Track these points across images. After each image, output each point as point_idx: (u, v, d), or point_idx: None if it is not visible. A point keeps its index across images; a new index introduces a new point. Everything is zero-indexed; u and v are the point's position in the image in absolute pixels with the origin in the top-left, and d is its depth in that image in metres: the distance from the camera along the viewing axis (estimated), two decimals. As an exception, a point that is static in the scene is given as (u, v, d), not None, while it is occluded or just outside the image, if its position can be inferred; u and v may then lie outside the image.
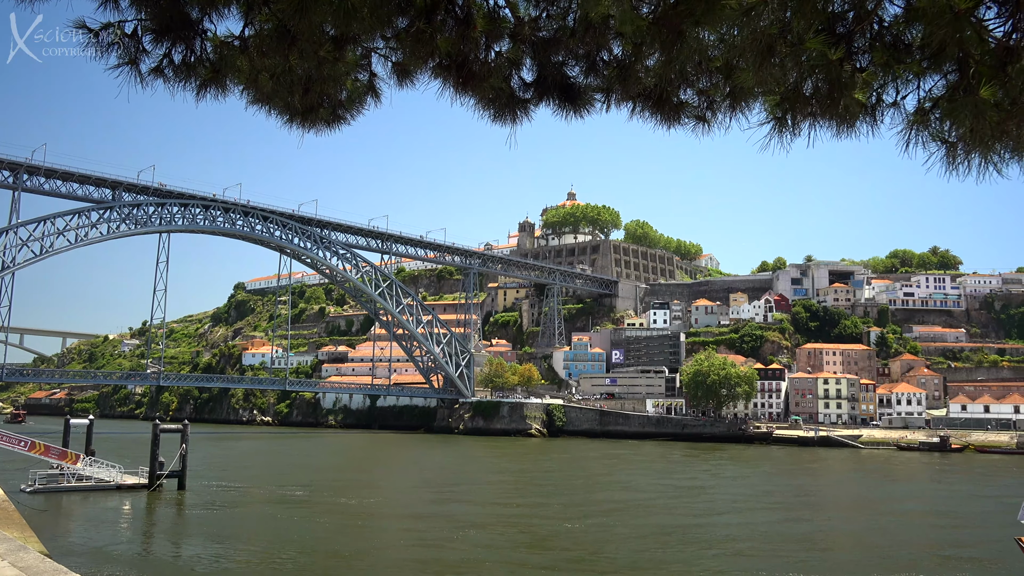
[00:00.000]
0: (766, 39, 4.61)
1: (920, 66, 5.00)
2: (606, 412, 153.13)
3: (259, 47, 6.09)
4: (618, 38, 5.84)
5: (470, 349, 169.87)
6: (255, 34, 6.13)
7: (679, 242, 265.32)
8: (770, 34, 4.62)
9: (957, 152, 4.88)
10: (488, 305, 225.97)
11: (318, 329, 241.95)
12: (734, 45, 4.81)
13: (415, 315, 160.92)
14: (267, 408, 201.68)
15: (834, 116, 5.05)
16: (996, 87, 4.61)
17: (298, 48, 6.04)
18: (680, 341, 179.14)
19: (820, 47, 4.64)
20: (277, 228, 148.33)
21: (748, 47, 4.67)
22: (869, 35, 5.03)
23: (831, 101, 4.84)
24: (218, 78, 6.29)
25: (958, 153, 4.87)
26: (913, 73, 5.07)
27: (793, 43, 4.69)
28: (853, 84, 4.86)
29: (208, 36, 6.22)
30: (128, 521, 47.09)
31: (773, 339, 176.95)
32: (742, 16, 4.59)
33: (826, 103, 4.87)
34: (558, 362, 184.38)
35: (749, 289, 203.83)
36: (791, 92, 4.97)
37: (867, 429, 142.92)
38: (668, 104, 5.93)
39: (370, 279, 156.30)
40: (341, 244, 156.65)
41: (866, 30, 5.00)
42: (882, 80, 5.07)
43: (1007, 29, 4.70)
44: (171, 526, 46.10)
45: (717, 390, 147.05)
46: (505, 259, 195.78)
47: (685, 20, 4.88)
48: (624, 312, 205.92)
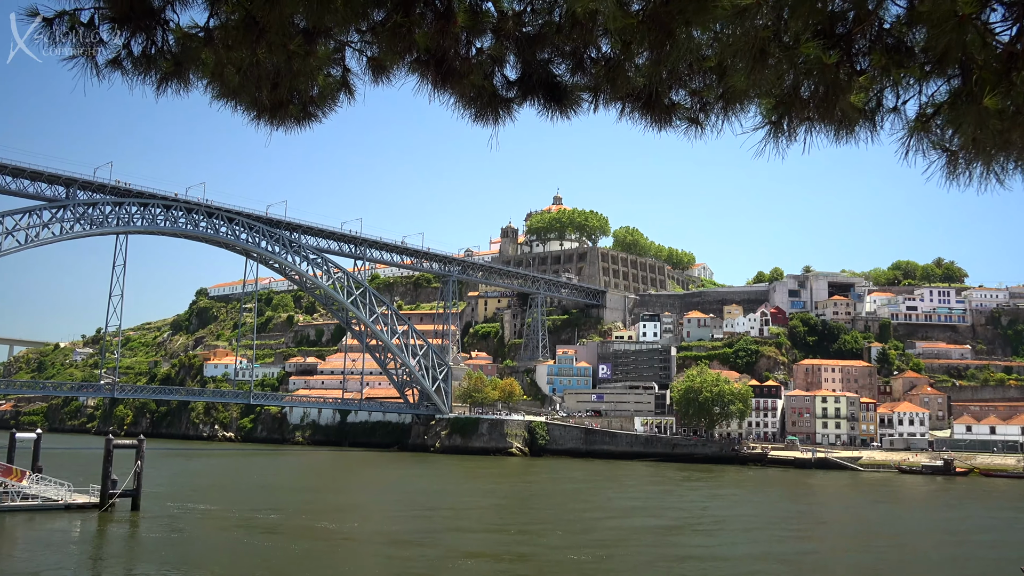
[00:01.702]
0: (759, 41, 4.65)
1: (922, 70, 5.06)
2: (592, 430, 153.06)
3: (225, 39, 6.07)
4: (607, 35, 5.87)
5: (448, 362, 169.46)
6: (221, 25, 6.12)
7: (670, 250, 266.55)
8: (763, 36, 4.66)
9: (958, 161, 4.93)
10: (468, 315, 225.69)
11: (286, 339, 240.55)
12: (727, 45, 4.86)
13: (390, 325, 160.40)
14: (230, 423, 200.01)
15: (832, 121, 5.10)
16: (1000, 95, 4.66)
17: (267, 41, 6.03)
18: (671, 355, 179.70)
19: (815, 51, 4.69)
20: (243, 230, 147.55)
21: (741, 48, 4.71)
22: (869, 37, 5.09)
23: (828, 105, 4.89)
24: (180, 71, 6.26)
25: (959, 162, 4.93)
26: (914, 78, 5.12)
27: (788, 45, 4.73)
28: (851, 88, 4.91)
29: (170, 27, 6.20)
30: (77, 544, 46.48)
31: (769, 354, 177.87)
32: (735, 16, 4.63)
33: (823, 107, 4.91)
34: (541, 377, 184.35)
35: (744, 301, 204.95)
36: (787, 95, 5.01)
37: (867, 451, 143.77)
38: (659, 105, 5.97)
39: (342, 286, 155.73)
40: (311, 248, 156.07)
41: (866, 31, 5.05)
42: (881, 84, 5.12)
43: (1013, 34, 4.75)
44: (124, 550, 45.55)
45: (710, 408, 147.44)
46: (486, 267, 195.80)
47: (675, 19, 4.92)
48: (612, 324, 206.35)
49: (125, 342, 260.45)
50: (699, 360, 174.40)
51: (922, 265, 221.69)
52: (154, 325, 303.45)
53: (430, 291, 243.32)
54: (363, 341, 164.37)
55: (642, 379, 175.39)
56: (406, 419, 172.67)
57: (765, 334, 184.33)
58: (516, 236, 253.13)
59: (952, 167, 4.94)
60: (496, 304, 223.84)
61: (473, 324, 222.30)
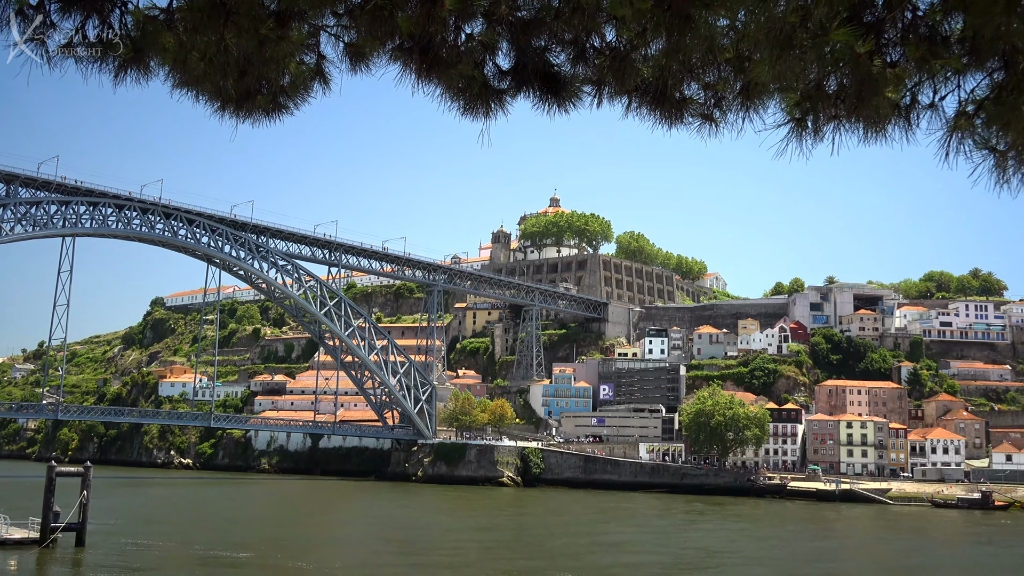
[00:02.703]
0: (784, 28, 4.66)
1: (960, 62, 5.06)
2: (592, 458, 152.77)
3: (188, 22, 6.07)
4: (612, 22, 5.88)
5: (432, 381, 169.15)
6: (184, 7, 6.11)
7: (680, 259, 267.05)
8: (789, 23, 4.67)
9: (1008, 162, 4.92)
10: (455, 329, 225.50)
11: (251, 354, 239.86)
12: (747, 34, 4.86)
13: (367, 339, 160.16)
14: (187, 448, 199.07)
15: (862, 118, 5.10)
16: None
17: (234, 24, 6.02)
18: (680, 375, 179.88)
19: (846, 39, 4.69)
20: (204, 233, 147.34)
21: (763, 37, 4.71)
22: (901, 25, 5.10)
23: (858, 101, 4.89)
24: (140, 58, 6.25)
25: (1008, 164, 4.92)
26: (953, 70, 5.13)
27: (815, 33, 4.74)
28: (884, 82, 4.91)
29: (128, 8, 6.19)
30: (14, 584, 46.11)
31: (788, 374, 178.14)
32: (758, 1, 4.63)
33: (853, 103, 4.92)
34: (536, 398, 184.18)
35: (761, 315, 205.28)
36: (812, 89, 5.01)
37: (897, 482, 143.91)
38: (670, 100, 5.97)
39: (314, 296, 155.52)
40: (281, 254, 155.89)
41: (898, 19, 5.06)
42: (917, 78, 5.13)
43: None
44: (67, 590, 45.20)
45: (722, 433, 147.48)
46: (475, 275, 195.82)
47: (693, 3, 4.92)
48: (615, 340, 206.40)
49: (71, 357, 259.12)
50: (711, 380, 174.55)
51: (957, 276, 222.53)
52: (103, 338, 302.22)
53: (413, 302, 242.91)
54: (337, 357, 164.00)
55: (648, 401, 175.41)
56: (385, 444, 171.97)
57: (784, 352, 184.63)
58: (508, 242, 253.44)
59: (1001, 169, 4.92)
60: (486, 317, 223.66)
61: (460, 339, 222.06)
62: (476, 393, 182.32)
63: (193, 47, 6.20)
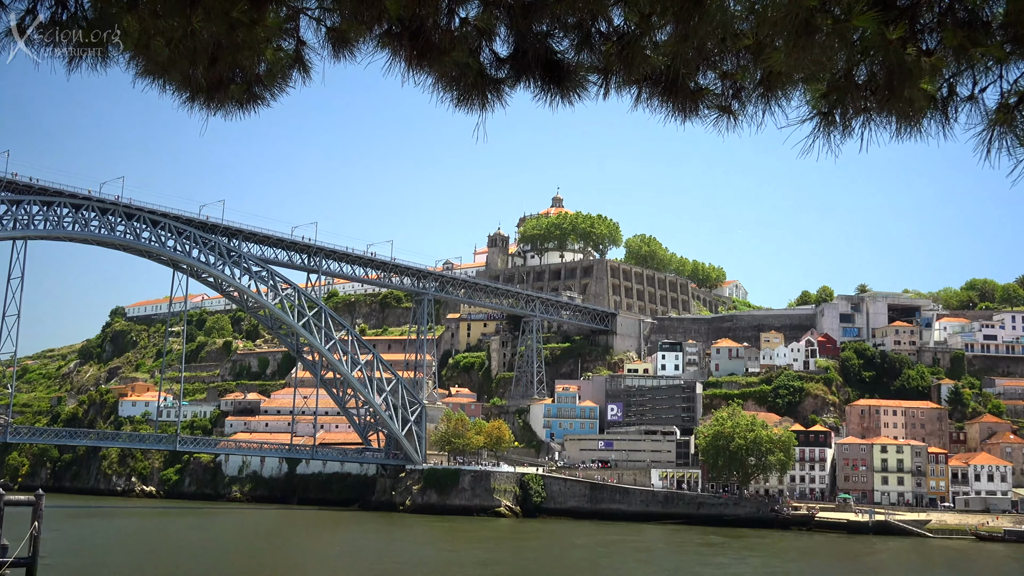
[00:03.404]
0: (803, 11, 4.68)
1: (1003, 50, 5.08)
2: (599, 485, 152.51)
3: (153, 4, 6.09)
4: (620, 5, 5.90)
5: (422, 400, 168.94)
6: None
7: (696, 265, 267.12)
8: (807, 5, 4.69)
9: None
10: (447, 342, 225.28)
11: (221, 370, 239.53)
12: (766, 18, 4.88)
13: (350, 354, 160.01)
14: (150, 475, 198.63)
15: (894, 111, 5.11)
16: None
17: (203, 6, 6.04)
18: (696, 393, 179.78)
19: (870, 24, 4.70)
20: (170, 236, 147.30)
21: (783, 21, 4.73)
22: (938, 9, 5.11)
23: (890, 92, 4.90)
24: (98, 43, 6.26)
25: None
26: (994, 59, 5.14)
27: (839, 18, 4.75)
28: (918, 71, 4.92)
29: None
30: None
31: (816, 393, 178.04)
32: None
33: (884, 95, 4.93)
34: (537, 418, 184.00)
35: (785, 327, 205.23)
36: (840, 80, 5.02)
37: (937, 512, 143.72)
38: (683, 90, 5.99)
39: (292, 305, 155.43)
40: (255, 259, 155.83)
41: (934, 3, 5.08)
42: (955, 67, 5.15)
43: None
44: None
45: (743, 458, 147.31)
46: (470, 282, 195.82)
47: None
48: (624, 354, 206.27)
49: (21, 373, 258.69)
50: (730, 399, 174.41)
51: (1003, 285, 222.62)
52: (58, 352, 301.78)
53: (400, 312, 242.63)
54: (317, 374, 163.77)
55: (660, 422, 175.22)
56: (369, 470, 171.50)
57: (811, 368, 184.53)
58: (506, 245, 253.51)
59: (1046, 168, 4.94)
60: (481, 329, 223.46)
61: (453, 353, 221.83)
62: (470, 413, 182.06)
63: (158, 31, 6.22)
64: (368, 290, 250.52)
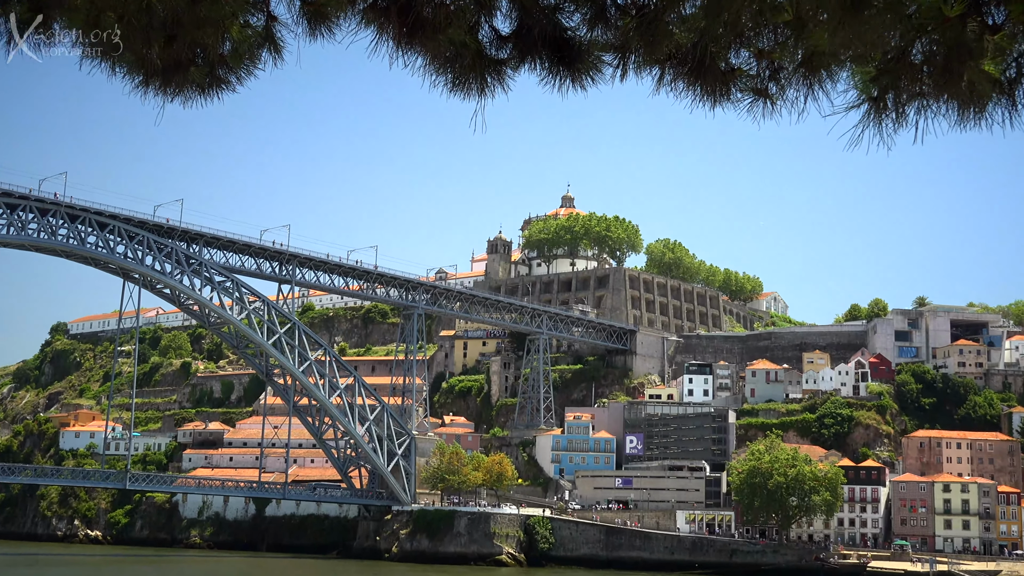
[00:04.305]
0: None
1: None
2: (616, 530, 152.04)
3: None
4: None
5: (411, 430, 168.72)
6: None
7: (727, 274, 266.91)
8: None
9: None
10: (440, 364, 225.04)
11: (179, 396, 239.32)
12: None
13: (328, 377, 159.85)
14: (96, 517, 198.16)
15: (954, 96, 5.12)
16: None
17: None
18: (728, 423, 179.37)
19: None
20: (120, 241, 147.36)
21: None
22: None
23: (948, 75, 4.91)
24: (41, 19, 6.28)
25: None
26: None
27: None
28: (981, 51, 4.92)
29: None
30: None
31: (868, 422, 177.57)
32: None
33: (941, 78, 4.94)
34: (544, 452, 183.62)
35: (832, 346, 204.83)
36: (892, 61, 5.03)
37: (1009, 562, 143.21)
38: (713, 72, 6.00)
39: (260, 321, 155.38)
40: (217, 267, 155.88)
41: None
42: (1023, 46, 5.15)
43: None
44: None
45: (783, 499, 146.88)
46: (466, 294, 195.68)
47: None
48: (644, 377, 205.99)
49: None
50: (768, 430, 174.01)
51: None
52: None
53: (386, 329, 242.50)
54: (290, 400, 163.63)
55: (687, 456, 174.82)
56: (350, 512, 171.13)
57: (862, 393, 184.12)
58: (509, 252, 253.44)
59: None
60: (480, 348, 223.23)
61: (447, 376, 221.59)
62: (467, 446, 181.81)
63: (107, 5, 6.24)
64: (349, 303, 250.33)
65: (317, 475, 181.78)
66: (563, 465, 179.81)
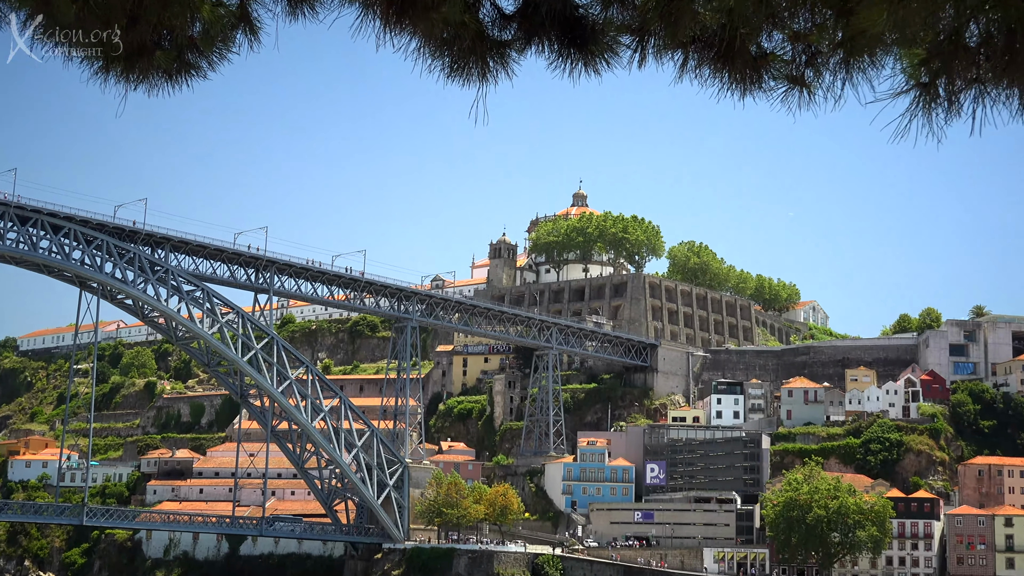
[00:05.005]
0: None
1: None
2: (636, 569, 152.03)
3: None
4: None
5: (404, 458, 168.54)
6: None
7: (760, 281, 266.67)
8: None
9: None
10: (437, 383, 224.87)
11: (143, 420, 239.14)
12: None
13: (311, 398, 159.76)
14: (49, 557, 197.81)
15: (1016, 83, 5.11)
16: None
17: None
18: (762, 449, 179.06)
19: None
20: (77, 245, 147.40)
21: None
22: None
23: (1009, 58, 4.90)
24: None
25: None
26: None
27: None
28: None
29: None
30: None
31: (919, 448, 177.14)
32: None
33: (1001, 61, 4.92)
34: (554, 482, 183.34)
35: (879, 362, 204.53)
36: (945, 42, 5.02)
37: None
38: (742, 56, 6.00)
39: (234, 335, 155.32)
40: (186, 275, 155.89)
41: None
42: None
43: None
44: None
45: (824, 534, 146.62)
46: (466, 304, 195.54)
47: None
48: (667, 398, 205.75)
49: None
50: (807, 457, 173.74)
51: None
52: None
53: (375, 344, 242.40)
54: (267, 424, 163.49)
55: (716, 487, 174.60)
56: (335, 550, 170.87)
57: (912, 415, 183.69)
58: (514, 257, 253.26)
59: None
60: (481, 365, 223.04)
61: (445, 397, 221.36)
62: (467, 475, 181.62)
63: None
64: (334, 315, 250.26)
65: (298, 509, 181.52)
66: (575, 497, 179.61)
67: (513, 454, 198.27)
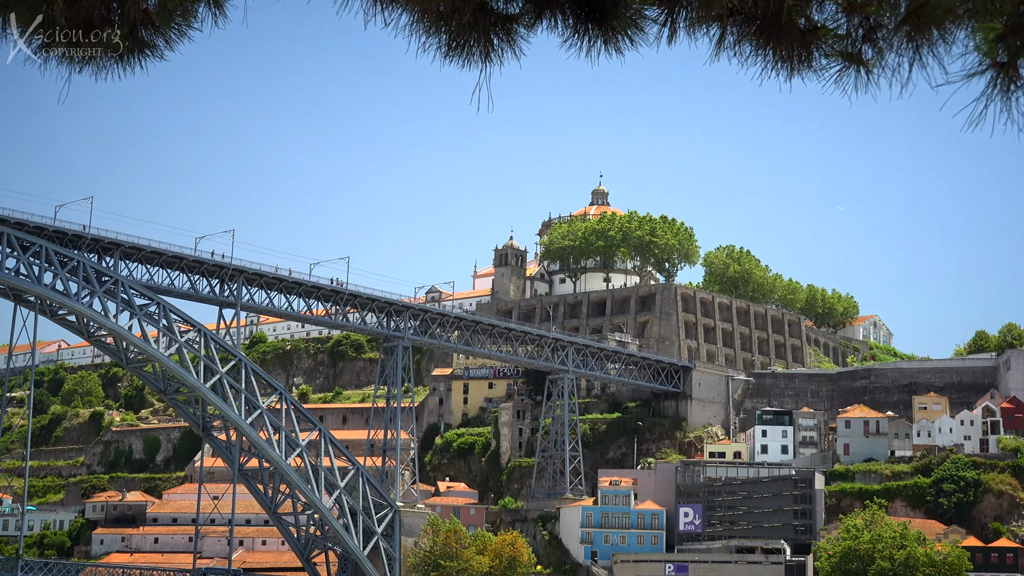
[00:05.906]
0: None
1: None
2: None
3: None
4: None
5: (394, 501, 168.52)
6: None
7: (812, 292, 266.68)
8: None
9: None
10: (433, 412, 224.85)
11: (88, 457, 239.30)
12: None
13: (284, 431, 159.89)
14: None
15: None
16: None
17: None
18: (815, 489, 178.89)
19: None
20: (11, 252, 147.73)
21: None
22: None
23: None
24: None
25: None
26: None
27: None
28: None
29: None
30: None
31: (1000, 488, 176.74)
32: None
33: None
34: (571, 529, 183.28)
35: (952, 387, 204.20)
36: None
37: None
38: (790, 30, 6.02)
39: (195, 357, 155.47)
40: (139, 286, 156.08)
41: None
42: None
43: None
44: None
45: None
46: (467, 320, 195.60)
47: None
48: (703, 429, 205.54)
49: None
50: (868, 499, 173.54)
51: None
52: None
53: (361, 367, 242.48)
54: (234, 461, 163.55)
55: (761, 534, 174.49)
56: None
57: (992, 450, 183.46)
58: (523, 264, 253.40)
59: None
60: (485, 391, 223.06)
61: (442, 429, 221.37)
62: (468, 521, 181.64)
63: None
64: (313, 333, 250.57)
65: (270, 561, 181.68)
66: (596, 546, 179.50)
67: (522, 496, 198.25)
